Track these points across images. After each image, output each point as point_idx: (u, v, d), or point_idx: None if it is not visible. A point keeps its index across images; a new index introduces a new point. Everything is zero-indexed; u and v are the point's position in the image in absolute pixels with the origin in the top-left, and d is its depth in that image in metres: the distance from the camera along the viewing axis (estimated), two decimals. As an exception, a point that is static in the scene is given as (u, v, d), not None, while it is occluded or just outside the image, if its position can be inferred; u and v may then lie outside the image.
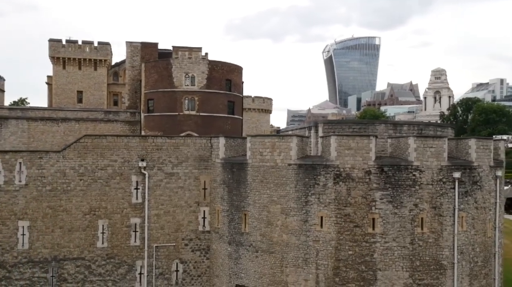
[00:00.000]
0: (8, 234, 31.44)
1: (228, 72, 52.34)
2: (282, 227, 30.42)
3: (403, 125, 33.80)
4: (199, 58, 50.50)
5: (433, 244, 29.77)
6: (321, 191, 29.64)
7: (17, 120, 51.24)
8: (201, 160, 33.76)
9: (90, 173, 32.41)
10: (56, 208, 31.98)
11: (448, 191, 30.11)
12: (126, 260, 32.79)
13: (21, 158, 31.65)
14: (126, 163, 32.77)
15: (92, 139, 32.59)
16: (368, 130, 32.89)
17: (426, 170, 29.69)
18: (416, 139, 29.74)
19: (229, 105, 52.29)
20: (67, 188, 32.12)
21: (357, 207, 29.29)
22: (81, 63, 70.93)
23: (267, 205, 30.79)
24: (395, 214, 29.30)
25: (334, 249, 29.44)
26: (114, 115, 54.23)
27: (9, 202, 31.43)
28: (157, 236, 33.11)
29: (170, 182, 33.28)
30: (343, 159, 29.37)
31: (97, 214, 32.39)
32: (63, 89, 70.30)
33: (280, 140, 30.76)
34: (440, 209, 29.93)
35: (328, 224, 29.51)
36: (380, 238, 29.24)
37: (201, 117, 50.21)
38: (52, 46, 69.83)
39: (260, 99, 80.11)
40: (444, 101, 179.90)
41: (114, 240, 32.64)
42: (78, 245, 32.24)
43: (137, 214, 32.85)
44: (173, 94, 50.25)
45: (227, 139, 33.42)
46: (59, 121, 52.04)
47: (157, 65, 51.77)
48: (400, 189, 29.41)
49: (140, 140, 33.09)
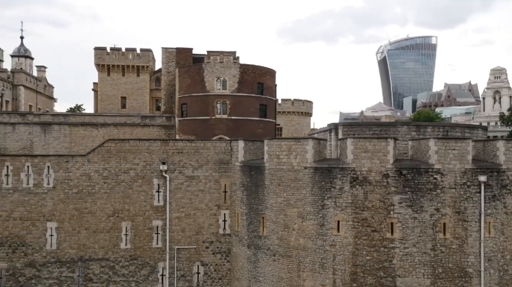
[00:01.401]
0: (38, 234, 32.87)
1: (259, 75, 52.42)
2: (299, 231, 30.09)
3: (427, 127, 32.64)
4: (231, 62, 50.88)
5: (457, 251, 28.51)
6: (337, 194, 29.10)
7: (59, 125, 53.50)
8: (221, 163, 33.99)
9: (114, 176, 33.36)
10: (82, 210, 33.13)
11: (473, 195, 28.79)
12: (148, 262, 33.49)
13: (49, 162, 33.04)
14: (148, 166, 33.50)
15: (115, 143, 33.54)
16: (390, 132, 32.01)
17: (448, 173, 28.51)
18: (437, 141, 28.64)
19: (261, 108, 52.34)
20: (92, 191, 33.22)
21: (374, 211, 28.54)
22: (124, 70, 73.30)
23: (284, 209, 30.57)
24: (415, 219, 28.32)
25: (351, 254, 28.81)
26: (151, 120, 55.55)
27: (38, 204, 32.88)
28: (178, 239, 33.59)
29: (191, 185, 33.70)
30: (359, 162, 28.71)
31: (121, 216, 33.28)
32: (107, 95, 72.90)
33: (296, 143, 30.47)
34: (465, 214, 28.65)
35: (345, 228, 28.92)
36: (399, 244, 28.32)
37: (233, 121, 50.54)
38: (98, 54, 72.55)
39: (300, 102, 79.62)
40: (504, 101, 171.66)
41: (137, 241, 33.41)
42: (103, 246, 33.24)
43: (159, 216, 33.48)
44: (205, 98, 50.88)
45: (246, 143, 33.45)
46: (98, 126, 53.90)
47: (190, 70, 52.60)
48: (420, 193, 28.39)
49: (161, 143, 33.73)
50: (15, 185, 32.72)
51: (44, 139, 53.16)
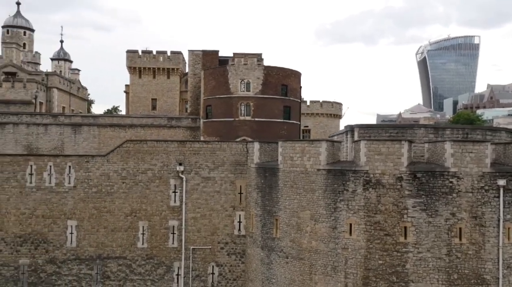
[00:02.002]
0: (59, 232, 33.90)
1: (284, 77, 52.34)
2: (311, 234, 29.91)
3: (446, 129, 31.89)
4: (255, 64, 51.02)
5: (474, 257, 27.70)
6: (350, 197, 28.78)
7: (89, 126, 54.93)
8: (237, 165, 34.17)
9: (132, 176, 34.04)
10: (101, 209, 33.96)
11: (492, 200, 27.91)
12: (164, 261, 33.99)
13: (70, 162, 34.03)
14: (165, 167, 34.02)
15: (133, 144, 34.23)
16: (406, 134, 31.43)
17: (465, 177, 27.74)
18: (453, 144, 27.92)
19: (285, 110, 52.25)
20: (110, 190, 34.00)
21: (387, 215, 28.07)
22: (155, 72, 74.56)
23: (296, 211, 30.46)
24: (429, 223, 27.68)
25: (364, 258, 28.42)
26: (177, 121, 56.31)
27: (59, 203, 33.90)
28: (193, 239, 33.96)
29: (207, 186, 34.02)
30: (373, 164, 28.31)
31: (138, 215, 33.92)
32: (139, 97, 74.30)
33: (310, 145, 30.32)
34: (482, 219, 27.81)
35: (358, 231, 28.56)
36: (412, 248, 27.75)
37: (256, 123, 50.65)
38: (129, 57, 74.08)
39: (329, 103, 79.02)
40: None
41: (153, 241, 33.97)
42: (120, 244, 33.96)
43: (175, 216, 33.94)
44: (229, 100, 51.21)
45: (262, 144, 33.50)
46: (126, 128, 55.02)
47: (215, 72, 53.05)
48: (435, 197, 27.74)
49: (178, 145, 34.18)
50: (38, 183, 33.86)
51: (74, 140, 54.68)
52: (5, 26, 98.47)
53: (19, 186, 33.82)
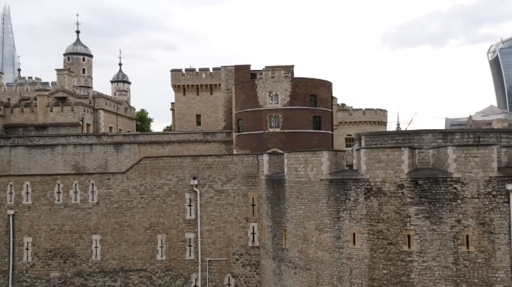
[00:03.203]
0: (85, 246, 35.96)
1: (312, 87, 52.43)
2: (317, 244, 29.91)
3: (455, 134, 30.83)
4: (282, 76, 51.54)
5: (484, 265, 26.60)
6: (352, 206, 28.59)
7: (130, 145, 57.60)
8: (249, 177, 34.80)
9: (150, 191, 35.57)
10: (122, 223, 35.69)
11: (501, 205, 26.74)
12: (182, 273, 35.10)
13: (93, 180, 36.12)
14: (180, 181, 35.27)
15: (150, 160, 35.79)
16: (413, 140, 30.77)
17: (470, 182, 26.80)
18: (455, 149, 27.08)
19: (315, 120, 52.22)
20: (130, 206, 35.69)
21: (390, 223, 27.61)
22: (198, 89, 76.89)
23: (302, 221, 30.59)
24: (433, 231, 26.94)
25: (368, 268, 28.06)
26: (212, 136, 57.74)
27: (84, 218, 36.01)
28: (209, 251, 34.86)
29: (220, 199, 34.89)
30: (373, 172, 28.01)
31: (156, 229, 35.33)
32: (183, 114, 76.84)
33: (312, 155, 30.43)
34: (491, 225, 26.69)
35: (361, 241, 28.27)
36: (417, 257, 27.09)
37: (286, 134, 51.02)
38: (174, 76, 76.94)
39: (372, 111, 77.77)
40: None
41: (171, 253, 35.20)
42: (141, 257, 35.46)
43: (191, 229, 35.04)
44: (259, 113, 51.96)
45: (271, 156, 33.94)
46: (164, 144, 57.16)
47: (244, 86, 54.09)
48: (438, 204, 26.98)
49: (192, 159, 35.36)
50: (65, 201, 36.18)
51: (117, 158, 57.49)
52: (66, 54, 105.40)
53: (49, 203, 36.29)
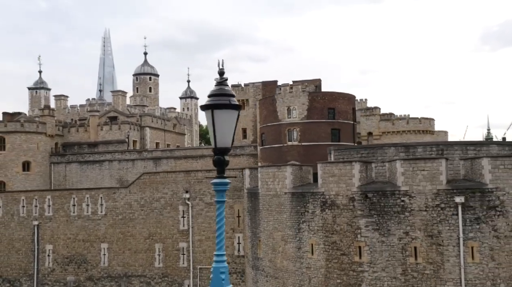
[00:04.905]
0: (94, 253, 40.19)
1: (330, 101, 53.41)
2: (283, 254, 31.56)
3: (417, 147, 31.16)
4: (299, 91, 53.15)
5: (432, 276, 26.97)
6: (310, 218, 30.03)
7: (167, 159, 61.90)
8: (235, 190, 37.13)
9: (149, 204, 39.07)
10: (125, 233, 39.49)
11: (449, 218, 26.96)
12: (176, 279, 38.10)
13: (101, 194, 40.35)
14: (174, 195, 38.42)
15: (149, 175, 39.35)
16: (377, 154, 31.55)
17: (417, 195, 27.36)
18: (403, 162, 27.79)
19: (333, 132, 53.07)
20: (132, 217, 39.40)
21: (343, 235, 28.76)
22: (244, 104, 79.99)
23: (272, 232, 32.38)
24: (382, 243, 27.76)
25: (324, 277, 29.32)
26: (241, 150, 60.43)
27: (94, 229, 40.29)
28: (200, 259, 37.57)
29: (210, 211, 37.51)
30: (327, 186, 29.35)
31: (154, 238, 38.69)
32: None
33: (278, 169, 32.22)
34: (439, 237, 27.01)
35: (318, 251, 29.63)
36: (367, 267, 28.02)
37: (303, 147, 52.41)
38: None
39: (416, 120, 75.99)
40: None
41: (167, 261, 38.34)
42: (141, 264, 38.97)
43: (184, 239, 37.98)
44: (278, 127, 53.89)
45: (252, 170, 36.02)
46: (197, 158, 60.80)
47: (266, 101, 56.32)
48: (386, 216, 27.81)
49: (184, 175, 38.40)
50: (78, 213, 40.72)
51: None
52: (135, 74, 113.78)
53: (66, 215, 41.05)
